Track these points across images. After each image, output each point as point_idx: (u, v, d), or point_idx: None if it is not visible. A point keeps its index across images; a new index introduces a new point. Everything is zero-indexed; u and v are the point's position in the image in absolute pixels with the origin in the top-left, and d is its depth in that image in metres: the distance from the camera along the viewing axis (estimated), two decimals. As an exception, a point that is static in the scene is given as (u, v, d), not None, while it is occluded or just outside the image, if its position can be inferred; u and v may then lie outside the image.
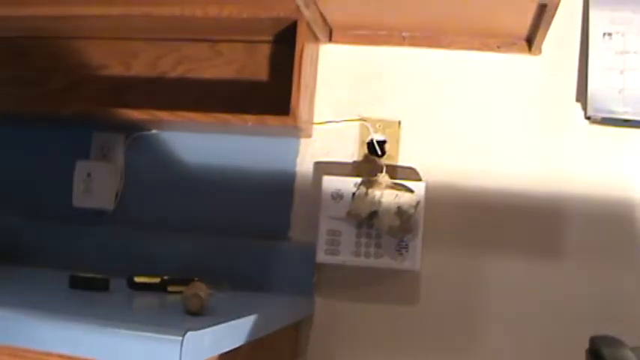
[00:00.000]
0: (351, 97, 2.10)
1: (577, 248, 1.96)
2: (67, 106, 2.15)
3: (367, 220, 1.94)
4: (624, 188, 1.95)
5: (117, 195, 2.19)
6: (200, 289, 1.43)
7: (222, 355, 1.37)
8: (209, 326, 1.27)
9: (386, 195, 1.93)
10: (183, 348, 1.16)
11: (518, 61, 2.04)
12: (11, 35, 2.30)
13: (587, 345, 1.45)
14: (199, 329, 1.22)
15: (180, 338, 1.16)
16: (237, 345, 1.42)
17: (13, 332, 1.26)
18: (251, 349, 1.54)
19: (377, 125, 2.06)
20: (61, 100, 2.25)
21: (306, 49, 1.96)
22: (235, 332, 1.43)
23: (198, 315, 1.39)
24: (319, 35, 2.04)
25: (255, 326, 1.51)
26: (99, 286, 1.71)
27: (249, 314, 1.50)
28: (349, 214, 1.95)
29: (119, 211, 2.19)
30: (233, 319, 1.41)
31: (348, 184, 1.97)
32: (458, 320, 1.99)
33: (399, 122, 2.06)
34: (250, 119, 1.95)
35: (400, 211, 1.92)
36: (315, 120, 2.09)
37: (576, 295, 1.94)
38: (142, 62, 2.24)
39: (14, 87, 2.30)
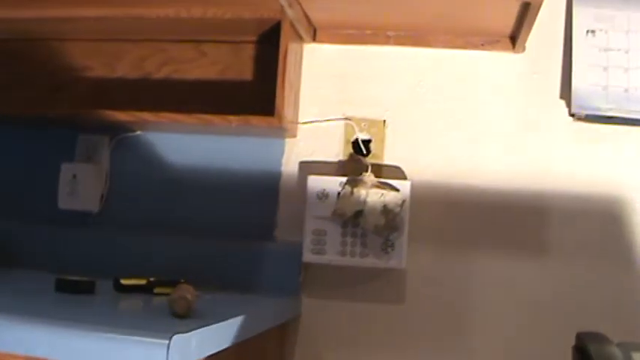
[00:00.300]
0: (336, 96, 2.09)
1: (562, 245, 1.96)
2: (51, 109, 2.15)
3: (353, 219, 1.94)
4: (609, 185, 1.96)
5: (102, 197, 2.18)
6: (187, 291, 1.43)
7: (209, 358, 1.37)
8: (196, 329, 1.27)
9: (371, 194, 1.93)
10: (170, 351, 1.16)
11: (502, 58, 2.04)
12: (-6, 38, 2.30)
13: (573, 341, 1.45)
14: (186, 332, 1.22)
15: (167, 342, 1.16)
16: (224, 347, 1.42)
17: (-2, 337, 1.26)
18: (238, 351, 1.53)
19: (362, 124, 2.06)
20: (46, 102, 2.24)
21: (290, 49, 1.96)
22: (222, 334, 1.42)
23: (184, 317, 1.39)
24: (303, 35, 2.03)
25: (243, 328, 1.51)
26: (85, 288, 1.70)
27: (236, 316, 1.50)
28: (335, 213, 1.95)
29: (105, 212, 2.19)
30: (220, 321, 1.41)
31: (334, 183, 1.97)
32: (444, 318, 1.99)
33: (384, 121, 2.06)
34: (235, 120, 1.95)
35: (386, 210, 1.92)
36: (300, 120, 2.09)
37: (562, 292, 1.94)
38: (127, 63, 2.23)
39: (-2, 89, 2.29)
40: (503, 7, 1.81)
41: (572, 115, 1.98)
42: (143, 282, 1.80)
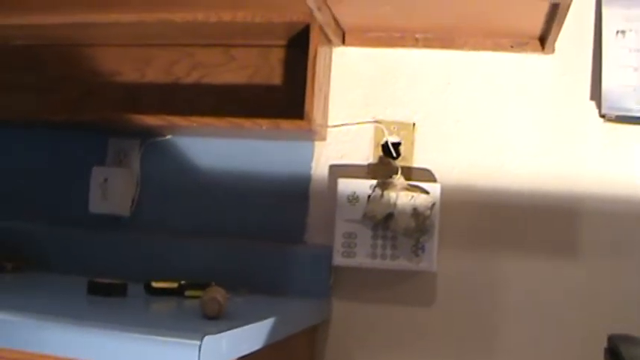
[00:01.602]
0: (365, 99, 2.10)
1: (593, 247, 1.95)
2: (82, 114, 2.16)
3: (383, 222, 1.94)
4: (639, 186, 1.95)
5: (133, 201, 2.20)
6: (218, 293, 1.43)
7: (240, 359, 1.37)
8: (227, 330, 1.27)
9: (401, 197, 1.93)
10: (202, 352, 1.16)
11: (531, 60, 2.03)
12: (27, 43, 2.32)
13: (605, 344, 1.45)
14: (217, 333, 1.23)
15: (199, 342, 1.16)
16: (255, 348, 1.43)
17: (32, 338, 1.27)
18: (269, 353, 1.54)
19: (391, 127, 2.06)
20: (77, 107, 2.26)
21: (319, 52, 1.96)
22: (253, 336, 1.43)
23: (216, 319, 1.39)
24: (332, 38, 2.04)
25: (273, 330, 1.51)
26: (117, 291, 1.71)
27: (267, 318, 1.50)
28: (365, 216, 1.95)
29: (135, 216, 2.20)
30: (251, 322, 1.42)
31: (364, 186, 1.97)
32: (475, 321, 1.98)
33: (414, 124, 2.06)
34: (265, 123, 1.95)
35: (416, 213, 1.92)
36: (330, 123, 2.09)
37: (594, 294, 1.93)
38: (157, 68, 2.25)
39: (30, 94, 2.31)
40: (531, 7, 1.80)
41: (602, 116, 1.97)
42: (174, 285, 1.81)
